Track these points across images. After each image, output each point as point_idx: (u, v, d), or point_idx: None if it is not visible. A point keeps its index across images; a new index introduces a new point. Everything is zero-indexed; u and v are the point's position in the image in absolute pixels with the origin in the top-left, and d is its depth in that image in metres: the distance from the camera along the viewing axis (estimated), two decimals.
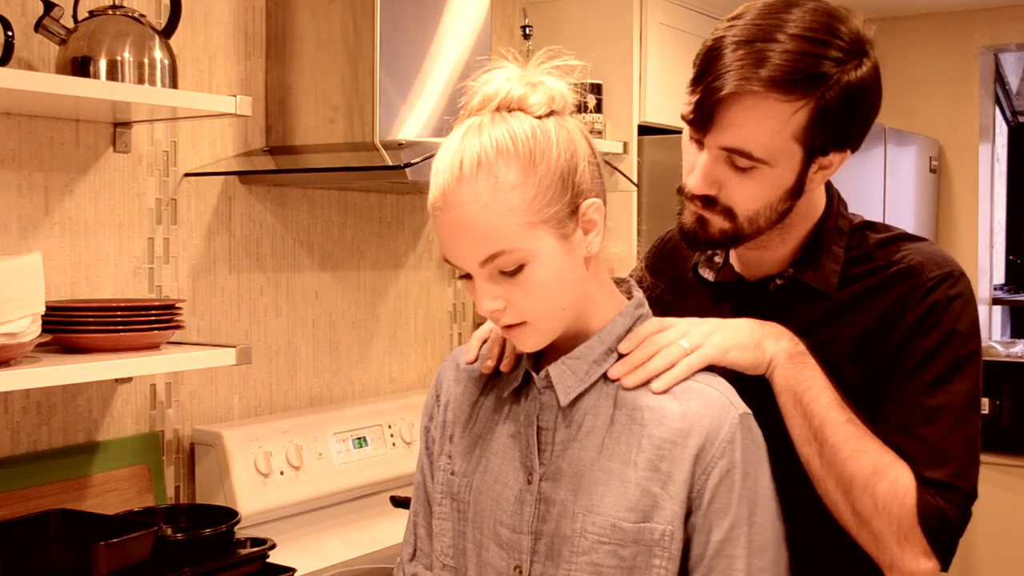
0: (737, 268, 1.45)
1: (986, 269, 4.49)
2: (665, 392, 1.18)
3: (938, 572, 1.25)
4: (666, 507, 1.14)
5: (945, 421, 1.27)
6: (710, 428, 1.15)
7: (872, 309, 1.33)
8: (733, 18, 1.30)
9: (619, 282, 1.29)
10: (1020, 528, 4.19)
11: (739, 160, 1.28)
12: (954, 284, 1.32)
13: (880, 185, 3.93)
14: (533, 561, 1.18)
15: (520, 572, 1.19)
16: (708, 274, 1.48)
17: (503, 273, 1.12)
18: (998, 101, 4.67)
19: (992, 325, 4.59)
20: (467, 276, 1.15)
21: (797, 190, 1.32)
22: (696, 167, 1.31)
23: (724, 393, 1.18)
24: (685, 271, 1.51)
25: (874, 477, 1.23)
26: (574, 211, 1.15)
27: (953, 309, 1.30)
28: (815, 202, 1.39)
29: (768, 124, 1.25)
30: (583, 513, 1.16)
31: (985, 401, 4.22)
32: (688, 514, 1.15)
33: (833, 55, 1.24)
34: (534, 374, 1.23)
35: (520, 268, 1.12)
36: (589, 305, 1.21)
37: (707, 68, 1.27)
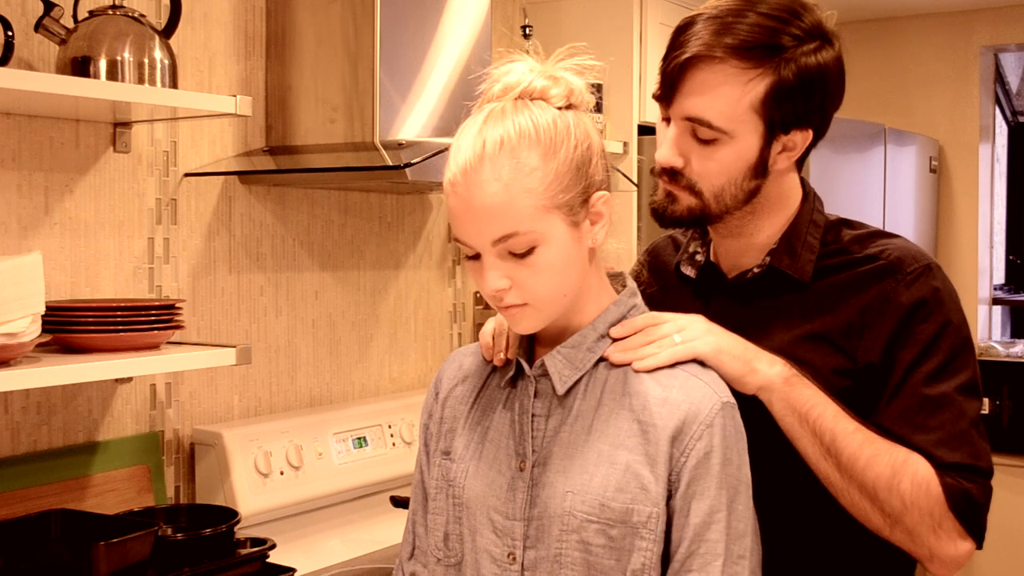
0: (718, 264, 1.48)
1: (986, 269, 4.49)
2: (647, 372, 1.21)
3: (972, 552, 1.28)
4: (652, 490, 1.16)
5: (952, 408, 1.29)
6: (688, 412, 1.17)
7: (852, 303, 1.35)
8: (713, 2, 1.35)
9: (613, 276, 1.32)
10: (1020, 528, 4.19)
11: (702, 131, 1.32)
12: (934, 276, 1.35)
13: (880, 185, 3.93)
14: (526, 547, 1.20)
15: (513, 559, 1.21)
16: (689, 271, 1.50)
17: (513, 254, 1.16)
18: (998, 101, 4.67)
19: (992, 325, 4.59)
20: (475, 257, 1.19)
21: (761, 168, 1.35)
22: (664, 140, 1.36)
23: (708, 382, 1.21)
24: (669, 273, 1.54)
25: (895, 477, 1.26)
26: (585, 201, 1.19)
27: (941, 300, 1.33)
28: (788, 192, 1.42)
29: (726, 91, 1.30)
30: (573, 493, 1.18)
31: (985, 401, 4.22)
32: (669, 497, 1.17)
33: (792, 31, 1.31)
34: (526, 365, 1.25)
35: (531, 250, 1.16)
36: (585, 296, 1.25)
37: (675, 41, 1.35)
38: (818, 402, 1.28)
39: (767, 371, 1.28)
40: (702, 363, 1.25)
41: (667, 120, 1.37)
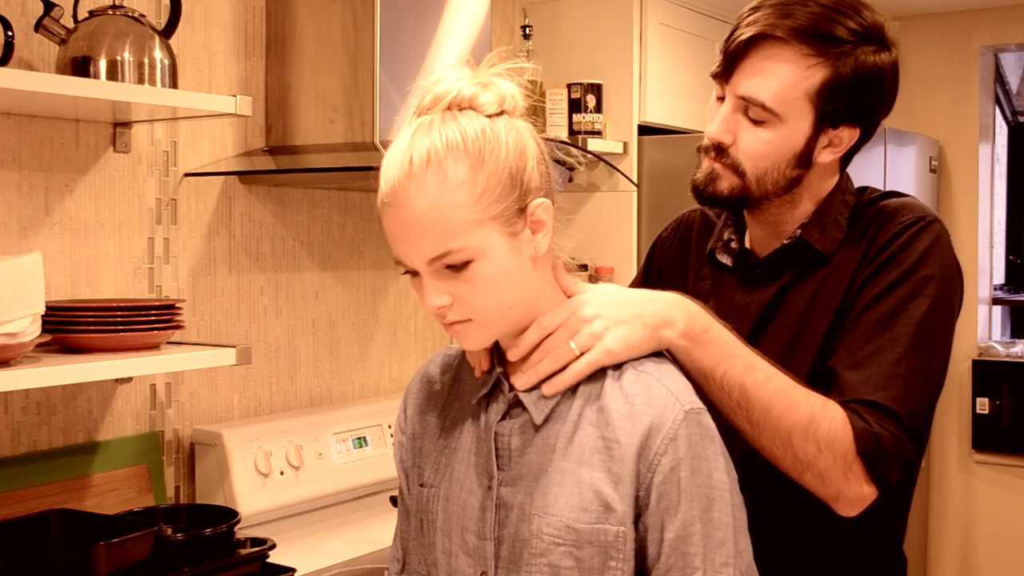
0: (752, 250, 1.51)
1: (986, 269, 4.49)
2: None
3: (874, 498, 1.28)
4: (618, 508, 1.14)
5: (895, 351, 1.30)
6: (651, 425, 1.14)
7: (853, 259, 1.39)
8: None
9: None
10: (1020, 528, 4.19)
11: (754, 110, 1.37)
12: (925, 227, 1.37)
13: (880, 185, 3.91)
14: (498, 567, 1.18)
15: None
16: (726, 259, 1.52)
17: (450, 268, 1.13)
18: (998, 101, 4.66)
19: (992, 325, 4.58)
20: (414, 273, 1.17)
21: (806, 158, 1.39)
22: (716, 116, 1.40)
23: (671, 389, 1.17)
24: (699, 253, 1.56)
25: (811, 424, 1.26)
26: (522, 210, 1.15)
27: (917, 247, 1.35)
28: (827, 184, 1.45)
29: (785, 73, 1.35)
30: (539, 515, 1.16)
31: (985, 401, 4.21)
32: (638, 514, 1.15)
33: (850, 25, 1.36)
34: (504, 384, 1.22)
35: (467, 264, 1.13)
36: (539, 306, 1.21)
37: (740, 23, 1.39)
38: (724, 357, 1.26)
39: (668, 335, 1.24)
40: (660, 355, 1.22)
41: (720, 99, 1.41)
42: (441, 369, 1.33)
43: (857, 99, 1.37)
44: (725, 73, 1.39)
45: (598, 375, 1.19)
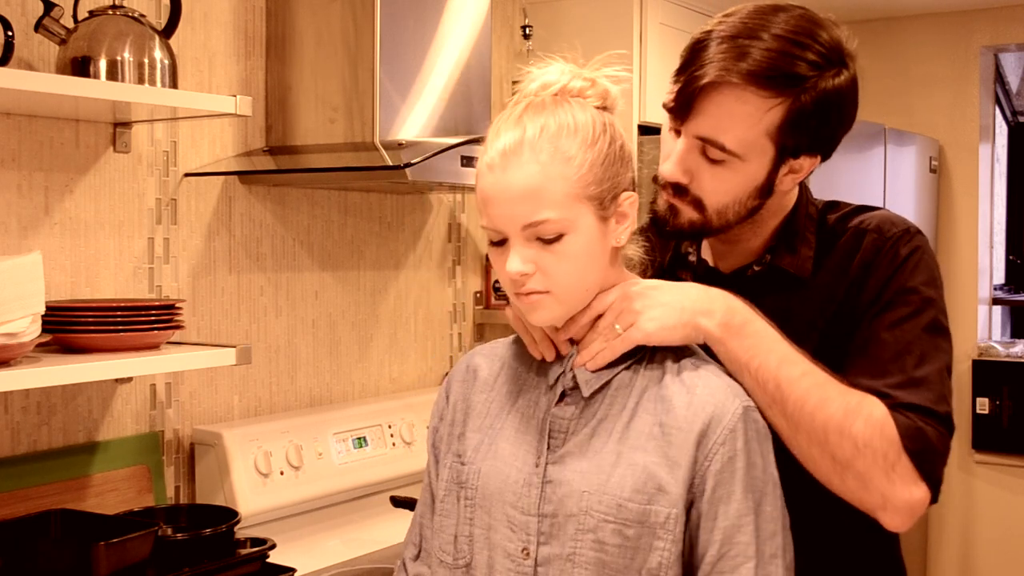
0: (711, 262, 1.49)
1: (986, 269, 4.49)
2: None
3: (927, 503, 1.25)
4: (671, 491, 1.17)
5: (914, 354, 1.30)
6: (713, 416, 1.19)
7: (842, 281, 1.38)
8: (724, 16, 1.34)
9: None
10: (1020, 528, 4.19)
11: (712, 151, 1.32)
12: (912, 239, 1.37)
13: (880, 185, 3.93)
14: (540, 543, 1.21)
15: (527, 554, 1.22)
16: (684, 275, 1.50)
17: (540, 240, 1.19)
18: (998, 101, 4.66)
19: (992, 325, 4.59)
20: (500, 243, 1.21)
21: (767, 189, 1.36)
22: (672, 155, 1.36)
23: (729, 384, 1.23)
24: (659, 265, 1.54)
25: (847, 419, 1.24)
26: (615, 198, 1.22)
27: (913, 260, 1.35)
28: (787, 200, 1.44)
29: (743, 118, 1.30)
30: (589, 492, 1.20)
31: (985, 401, 4.21)
32: (692, 500, 1.18)
33: (810, 58, 1.29)
34: (568, 358, 1.27)
35: (559, 237, 1.18)
36: None
37: (692, 59, 1.33)
38: (760, 351, 1.25)
39: (706, 324, 1.25)
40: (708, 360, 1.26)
41: (675, 131, 1.36)
42: (488, 358, 1.37)
43: (818, 128, 1.33)
44: (681, 114, 1.33)
45: (657, 367, 1.25)
